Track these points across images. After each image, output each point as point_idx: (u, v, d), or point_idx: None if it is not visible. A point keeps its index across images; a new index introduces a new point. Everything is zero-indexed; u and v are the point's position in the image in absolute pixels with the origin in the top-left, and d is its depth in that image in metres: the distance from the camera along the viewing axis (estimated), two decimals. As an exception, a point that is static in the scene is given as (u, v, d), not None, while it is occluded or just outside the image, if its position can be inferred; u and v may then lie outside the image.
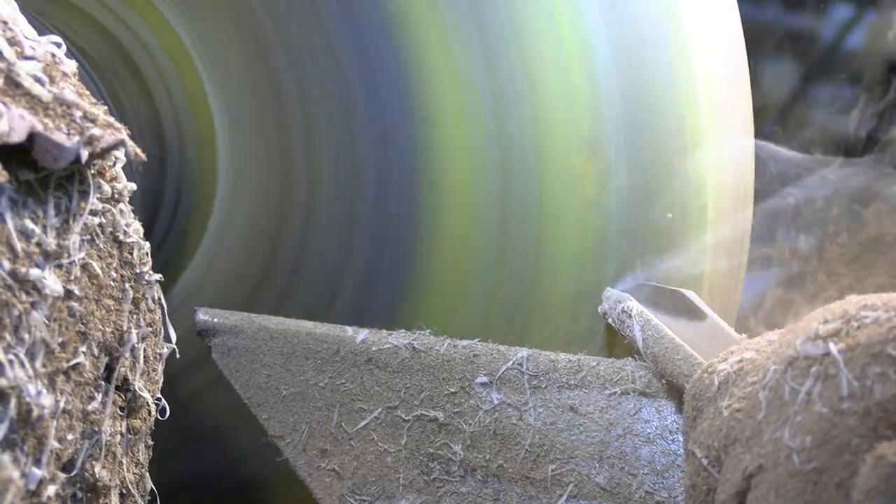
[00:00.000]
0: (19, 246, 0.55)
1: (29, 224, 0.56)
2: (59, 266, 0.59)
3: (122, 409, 0.67)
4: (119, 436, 0.67)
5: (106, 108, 0.64)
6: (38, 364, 0.56)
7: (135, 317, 0.68)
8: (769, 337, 0.68)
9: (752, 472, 0.60)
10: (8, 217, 0.55)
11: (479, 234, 0.86)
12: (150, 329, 0.70)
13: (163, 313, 0.72)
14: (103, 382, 0.64)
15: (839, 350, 0.57)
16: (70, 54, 0.68)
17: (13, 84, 0.57)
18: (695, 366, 0.74)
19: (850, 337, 0.57)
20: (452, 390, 0.81)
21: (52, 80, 0.60)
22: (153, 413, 0.72)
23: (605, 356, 0.84)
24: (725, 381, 0.67)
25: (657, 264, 0.87)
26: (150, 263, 0.70)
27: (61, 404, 0.59)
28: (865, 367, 0.55)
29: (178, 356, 0.74)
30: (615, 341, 0.87)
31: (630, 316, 0.82)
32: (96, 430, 0.63)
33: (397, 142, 0.86)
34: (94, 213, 0.63)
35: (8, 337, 0.54)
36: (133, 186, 0.68)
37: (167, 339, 0.73)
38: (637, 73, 0.85)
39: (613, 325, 0.84)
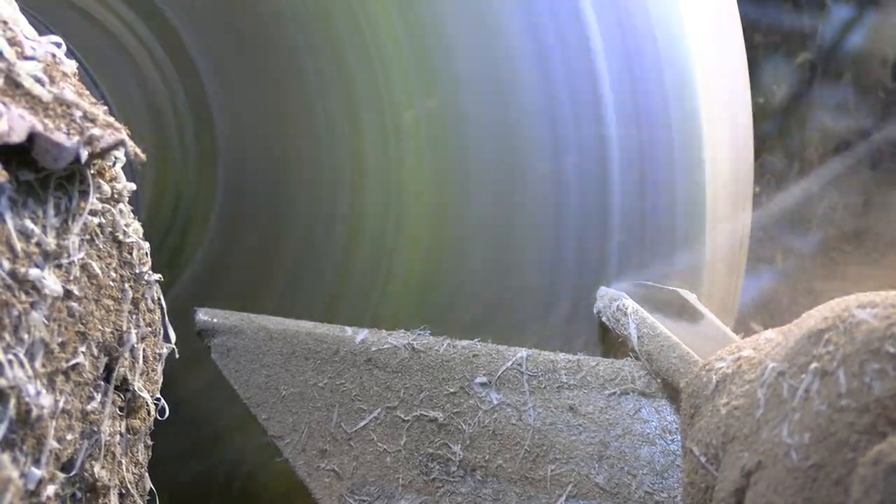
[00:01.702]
0: (19, 246, 0.55)
1: (29, 224, 0.56)
2: (59, 266, 0.59)
3: (121, 409, 0.68)
4: (118, 436, 0.67)
5: (106, 108, 0.64)
6: (37, 364, 0.56)
7: (134, 317, 0.68)
8: (767, 335, 0.68)
9: (750, 469, 0.60)
10: (8, 217, 0.55)
11: (464, 235, 0.87)
12: (150, 329, 0.70)
13: (162, 313, 0.72)
14: (103, 382, 0.64)
15: (837, 347, 0.57)
16: (70, 54, 0.68)
17: (13, 84, 0.57)
18: (691, 364, 0.74)
19: (849, 334, 0.57)
20: (452, 390, 0.81)
21: (52, 80, 0.60)
22: (152, 413, 0.72)
23: (599, 355, 0.84)
24: (723, 378, 0.67)
25: (655, 262, 0.87)
26: (150, 263, 0.70)
27: (60, 404, 0.59)
28: (864, 363, 0.55)
29: (177, 356, 0.74)
30: (608, 339, 0.87)
31: (625, 314, 0.81)
32: (95, 430, 0.63)
33: (387, 147, 0.87)
34: (93, 213, 0.63)
35: (7, 337, 0.54)
36: (133, 186, 0.68)
37: (167, 339, 0.73)
38: (636, 70, 0.85)
39: (608, 323, 0.84)
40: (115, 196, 0.66)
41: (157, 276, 0.71)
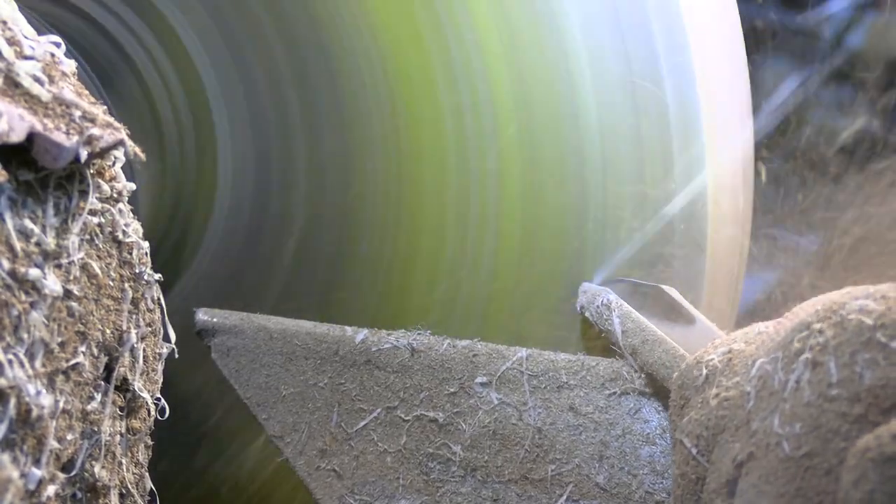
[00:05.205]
0: (19, 246, 0.55)
1: (28, 224, 0.56)
2: (59, 266, 0.59)
3: (121, 409, 0.68)
4: (119, 436, 0.67)
5: (105, 107, 0.64)
6: (37, 364, 0.56)
7: (134, 317, 0.68)
8: (759, 327, 0.68)
9: (742, 460, 0.60)
10: (7, 217, 0.55)
11: (458, 231, 0.87)
12: (150, 329, 0.70)
13: (162, 313, 0.72)
14: (103, 382, 0.64)
15: (828, 338, 0.57)
16: (70, 54, 0.68)
17: (12, 84, 0.57)
18: (677, 358, 0.73)
19: (840, 325, 0.57)
20: (452, 390, 0.81)
21: (52, 80, 0.60)
22: (153, 413, 0.72)
23: (582, 351, 0.84)
24: (713, 371, 0.67)
25: (654, 260, 0.87)
26: (150, 263, 0.70)
27: (61, 404, 0.59)
28: (855, 353, 0.55)
29: (177, 356, 0.74)
30: (591, 335, 0.87)
31: (609, 309, 0.81)
32: (96, 430, 0.63)
33: (386, 147, 0.87)
34: (93, 212, 0.63)
35: (7, 337, 0.54)
36: (132, 186, 0.68)
37: (166, 339, 0.73)
38: (636, 71, 0.85)
39: (591, 318, 0.84)
40: (115, 196, 0.66)
41: (157, 276, 0.71)
